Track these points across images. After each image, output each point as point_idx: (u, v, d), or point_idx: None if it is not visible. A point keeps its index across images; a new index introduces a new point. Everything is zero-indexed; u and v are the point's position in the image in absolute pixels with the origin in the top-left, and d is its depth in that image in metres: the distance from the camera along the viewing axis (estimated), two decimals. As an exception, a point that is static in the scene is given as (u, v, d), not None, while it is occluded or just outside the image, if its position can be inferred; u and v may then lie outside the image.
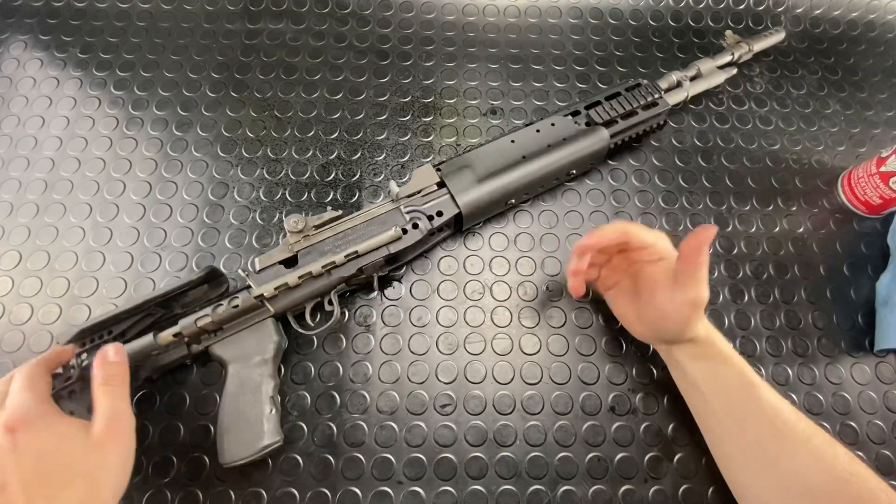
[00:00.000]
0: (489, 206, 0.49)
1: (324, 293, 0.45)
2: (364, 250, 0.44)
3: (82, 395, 0.39)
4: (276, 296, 0.42)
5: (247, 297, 0.42)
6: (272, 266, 0.44)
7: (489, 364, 0.47)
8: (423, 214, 0.47)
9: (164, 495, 0.42)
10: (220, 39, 0.62)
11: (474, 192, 0.48)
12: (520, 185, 0.49)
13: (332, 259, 0.43)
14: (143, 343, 0.40)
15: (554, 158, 0.50)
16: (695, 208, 0.55)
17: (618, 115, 0.52)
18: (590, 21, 0.65)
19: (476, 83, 0.60)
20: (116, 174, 0.54)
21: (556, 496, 0.43)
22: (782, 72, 0.63)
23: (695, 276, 0.37)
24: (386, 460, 0.43)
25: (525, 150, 0.50)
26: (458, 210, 0.47)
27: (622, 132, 0.52)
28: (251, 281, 0.43)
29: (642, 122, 0.53)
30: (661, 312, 0.40)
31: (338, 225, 0.46)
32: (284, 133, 0.56)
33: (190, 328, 0.40)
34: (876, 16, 0.67)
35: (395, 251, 0.45)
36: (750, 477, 0.38)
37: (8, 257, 0.49)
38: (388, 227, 0.45)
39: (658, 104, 0.53)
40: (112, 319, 0.40)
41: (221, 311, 0.41)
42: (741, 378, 0.39)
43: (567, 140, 0.51)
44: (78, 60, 0.60)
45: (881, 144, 0.59)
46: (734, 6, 0.67)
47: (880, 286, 0.51)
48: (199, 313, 0.41)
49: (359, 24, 0.63)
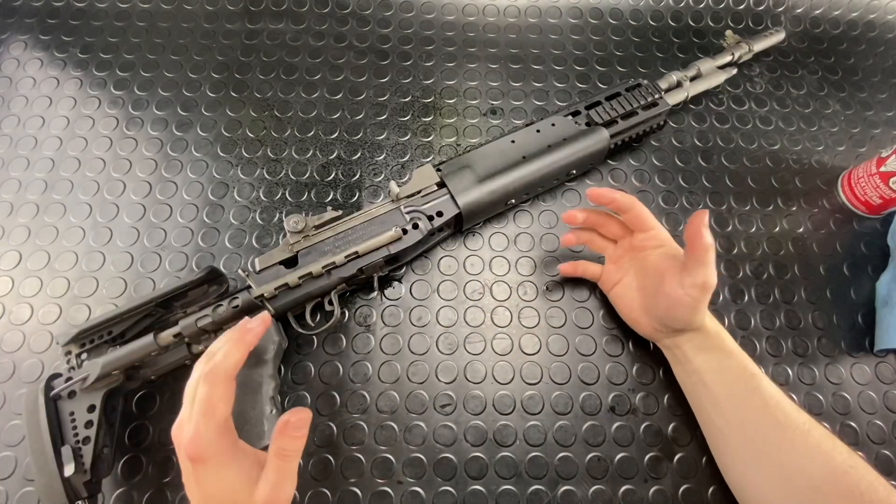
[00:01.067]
0: (489, 206, 0.49)
1: (324, 293, 0.45)
2: (364, 251, 0.44)
3: (82, 396, 0.39)
4: (276, 296, 0.42)
5: (247, 297, 0.42)
6: (272, 266, 0.44)
7: (489, 364, 0.47)
8: (424, 215, 0.47)
9: (164, 495, 0.42)
10: (220, 39, 0.62)
11: (474, 193, 0.48)
12: (520, 186, 0.49)
13: (332, 259, 0.43)
14: (143, 343, 0.40)
15: (554, 159, 0.50)
16: (695, 208, 0.55)
17: (618, 115, 0.52)
18: (590, 21, 0.65)
19: (476, 83, 0.60)
20: (116, 174, 0.54)
21: (556, 496, 0.43)
22: (782, 72, 0.63)
23: (702, 260, 0.38)
24: (386, 460, 0.43)
25: (525, 151, 0.50)
26: (458, 210, 0.47)
27: (622, 132, 0.52)
28: (251, 281, 0.43)
29: (642, 122, 0.53)
30: (671, 299, 0.40)
31: (338, 225, 0.46)
32: (284, 133, 0.56)
33: (190, 329, 0.40)
34: (876, 16, 0.67)
35: (395, 251, 0.45)
36: (751, 471, 0.39)
37: (8, 257, 0.49)
38: (389, 228, 0.45)
39: (658, 104, 0.53)
40: (111, 320, 0.40)
41: (222, 311, 0.41)
42: (744, 370, 0.40)
43: (567, 140, 0.51)
44: (78, 60, 0.60)
45: (881, 144, 0.59)
46: (734, 6, 0.67)
47: (880, 286, 0.51)
48: (199, 314, 0.41)
49: (359, 24, 0.63)
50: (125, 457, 0.43)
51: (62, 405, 0.39)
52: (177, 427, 0.31)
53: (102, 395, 0.39)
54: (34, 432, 0.37)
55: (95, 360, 0.39)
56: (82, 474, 0.37)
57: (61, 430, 0.38)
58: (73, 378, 0.39)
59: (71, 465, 0.37)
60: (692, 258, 0.38)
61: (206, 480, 0.31)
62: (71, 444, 0.38)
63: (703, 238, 0.37)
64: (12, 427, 0.43)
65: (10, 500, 0.41)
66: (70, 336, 0.39)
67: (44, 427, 0.37)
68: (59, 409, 0.39)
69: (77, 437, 0.38)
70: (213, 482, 0.31)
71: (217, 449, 0.30)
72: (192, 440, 0.30)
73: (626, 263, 0.46)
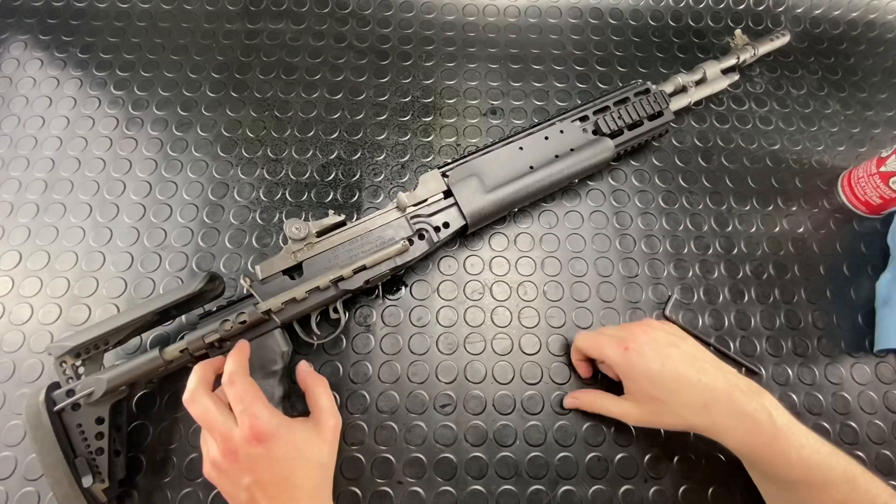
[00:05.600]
0: (494, 214, 0.49)
1: (330, 303, 0.45)
2: (371, 263, 0.44)
3: (88, 408, 0.39)
4: (282, 309, 0.42)
5: (253, 311, 0.41)
6: (276, 276, 0.43)
7: (489, 364, 0.47)
8: (430, 226, 0.46)
9: (164, 494, 0.42)
10: (220, 39, 0.62)
11: (481, 203, 0.47)
12: (525, 196, 0.49)
13: (339, 273, 0.43)
14: (149, 358, 0.39)
15: (560, 168, 0.49)
16: (695, 208, 0.55)
17: (625, 125, 0.52)
18: (590, 21, 0.65)
19: (476, 83, 0.60)
20: (116, 174, 0.54)
21: (556, 496, 0.43)
22: (782, 72, 0.63)
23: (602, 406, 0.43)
24: (386, 460, 0.43)
25: (533, 160, 0.49)
26: (464, 222, 0.47)
27: (626, 142, 0.52)
28: (255, 292, 0.42)
29: (647, 132, 0.53)
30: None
31: (342, 233, 0.45)
32: (284, 133, 0.56)
33: (196, 343, 0.40)
34: (876, 16, 0.67)
35: (401, 263, 0.45)
36: None
37: (8, 257, 0.49)
38: (395, 239, 0.45)
39: (664, 114, 0.53)
40: (107, 333, 0.39)
41: (228, 326, 0.40)
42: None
43: (574, 150, 0.50)
44: (78, 60, 0.60)
45: (881, 144, 0.59)
46: (734, 6, 0.67)
47: (880, 286, 0.51)
48: (205, 329, 0.40)
49: (359, 24, 0.63)
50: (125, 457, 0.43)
51: (68, 417, 0.38)
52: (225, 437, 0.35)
53: (109, 406, 0.39)
54: (44, 446, 0.37)
55: (100, 377, 0.39)
56: (101, 483, 0.38)
57: (71, 443, 0.38)
58: (74, 391, 0.38)
59: (89, 477, 0.37)
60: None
61: (286, 446, 0.35)
62: (84, 456, 0.38)
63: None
64: (12, 427, 0.43)
65: (10, 500, 0.41)
66: (64, 349, 0.39)
67: (53, 441, 0.37)
68: (66, 422, 0.38)
69: (89, 448, 0.38)
70: (291, 444, 0.35)
71: (277, 422, 0.36)
72: (252, 426, 0.34)
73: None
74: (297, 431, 0.36)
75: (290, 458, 0.35)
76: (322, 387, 0.41)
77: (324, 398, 0.40)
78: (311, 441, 0.37)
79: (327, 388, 0.41)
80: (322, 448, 0.37)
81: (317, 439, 0.37)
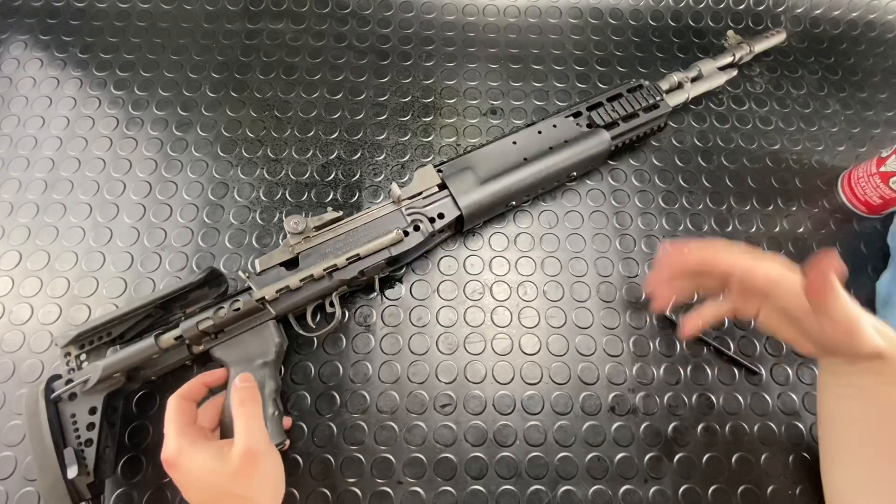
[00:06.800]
0: (490, 207, 0.49)
1: (325, 295, 0.45)
2: (366, 253, 0.44)
3: (84, 398, 0.39)
4: (277, 298, 0.42)
5: (248, 299, 0.41)
6: (273, 268, 0.44)
7: (489, 364, 0.47)
8: (425, 216, 0.47)
9: (164, 494, 0.42)
10: (220, 39, 0.62)
11: (476, 194, 0.48)
12: (521, 187, 0.49)
13: (333, 262, 0.43)
14: (144, 346, 0.40)
15: (555, 160, 0.50)
16: (695, 208, 0.55)
17: (619, 117, 0.52)
18: (590, 21, 0.65)
19: (476, 83, 0.60)
20: (116, 174, 0.54)
21: (556, 496, 0.43)
22: (782, 72, 0.63)
23: (827, 312, 0.33)
24: (386, 460, 0.43)
25: (526, 152, 0.50)
26: (459, 212, 0.47)
27: (623, 134, 0.52)
28: (252, 283, 0.42)
29: (643, 124, 0.53)
30: (819, 341, 0.35)
31: (339, 227, 0.46)
32: (284, 133, 0.56)
33: (191, 331, 0.40)
34: (876, 16, 0.67)
35: (396, 253, 0.45)
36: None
37: (8, 257, 0.49)
38: (390, 230, 0.45)
39: (659, 106, 0.53)
40: (111, 322, 0.40)
41: (223, 314, 0.41)
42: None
43: (569, 142, 0.51)
44: (78, 60, 0.60)
45: (881, 144, 0.59)
46: (734, 6, 0.67)
47: (880, 286, 0.51)
48: (200, 316, 0.41)
49: (359, 24, 0.63)
50: (125, 457, 0.43)
51: (63, 407, 0.39)
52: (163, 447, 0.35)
53: (104, 397, 0.39)
54: (36, 434, 0.37)
55: (96, 364, 0.39)
56: (85, 476, 0.37)
57: (63, 433, 0.38)
58: (73, 380, 0.38)
59: (74, 468, 0.37)
60: (818, 310, 0.33)
61: (189, 473, 0.34)
62: (73, 447, 0.38)
63: (825, 290, 0.32)
64: (12, 427, 0.43)
65: (10, 500, 0.41)
66: (69, 338, 0.39)
67: (45, 429, 0.37)
68: (61, 412, 0.38)
69: (79, 438, 0.38)
70: (192, 470, 0.34)
71: (179, 447, 0.35)
72: (165, 444, 0.35)
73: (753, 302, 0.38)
74: (198, 460, 0.34)
75: (196, 487, 0.35)
76: (239, 407, 0.36)
77: (239, 421, 0.35)
78: (213, 470, 0.34)
79: (251, 408, 0.36)
80: (228, 477, 0.34)
81: (219, 468, 0.34)
